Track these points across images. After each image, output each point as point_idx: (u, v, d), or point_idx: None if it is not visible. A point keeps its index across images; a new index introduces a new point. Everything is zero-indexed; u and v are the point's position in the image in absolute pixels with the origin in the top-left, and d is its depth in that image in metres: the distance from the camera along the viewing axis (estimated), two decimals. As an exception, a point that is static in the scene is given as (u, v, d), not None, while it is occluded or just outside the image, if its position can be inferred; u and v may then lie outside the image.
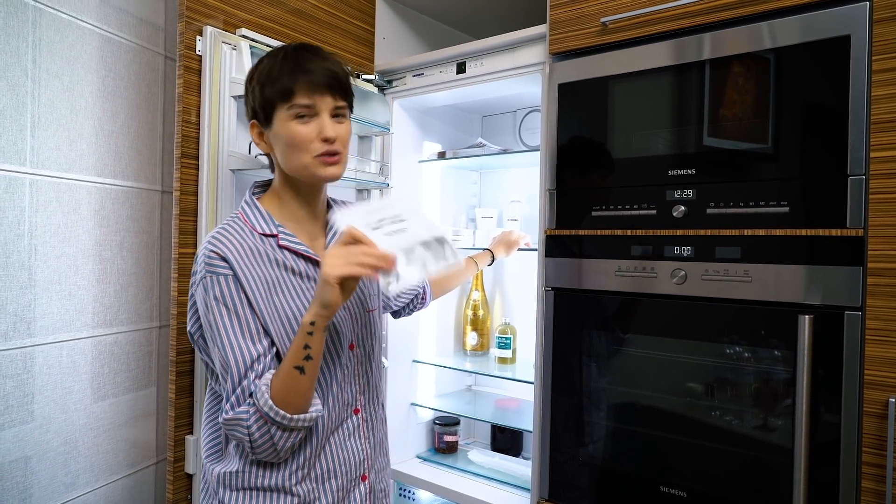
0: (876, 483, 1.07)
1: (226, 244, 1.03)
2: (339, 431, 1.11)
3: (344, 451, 1.12)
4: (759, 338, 1.20)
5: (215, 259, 1.02)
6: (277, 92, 1.04)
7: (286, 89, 1.03)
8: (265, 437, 0.98)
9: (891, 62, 1.06)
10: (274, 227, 1.09)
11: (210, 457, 1.13)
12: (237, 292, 1.01)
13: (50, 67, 1.35)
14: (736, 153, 1.23)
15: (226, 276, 1.01)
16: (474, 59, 1.70)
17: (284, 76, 1.04)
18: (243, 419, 0.98)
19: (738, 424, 1.23)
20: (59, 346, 1.38)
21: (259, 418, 0.97)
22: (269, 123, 1.07)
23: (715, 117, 1.26)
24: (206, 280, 1.02)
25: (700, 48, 1.26)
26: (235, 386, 0.99)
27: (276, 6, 1.62)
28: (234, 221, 1.09)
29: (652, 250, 1.32)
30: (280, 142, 1.06)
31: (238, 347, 1.00)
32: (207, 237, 1.05)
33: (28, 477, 1.33)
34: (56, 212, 1.37)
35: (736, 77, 1.23)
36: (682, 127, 1.29)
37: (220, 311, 1.01)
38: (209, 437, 1.14)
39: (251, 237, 1.06)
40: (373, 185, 1.81)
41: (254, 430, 0.97)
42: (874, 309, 1.08)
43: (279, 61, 1.05)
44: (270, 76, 1.04)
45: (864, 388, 1.08)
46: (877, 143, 1.08)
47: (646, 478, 1.34)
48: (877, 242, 1.08)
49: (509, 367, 1.96)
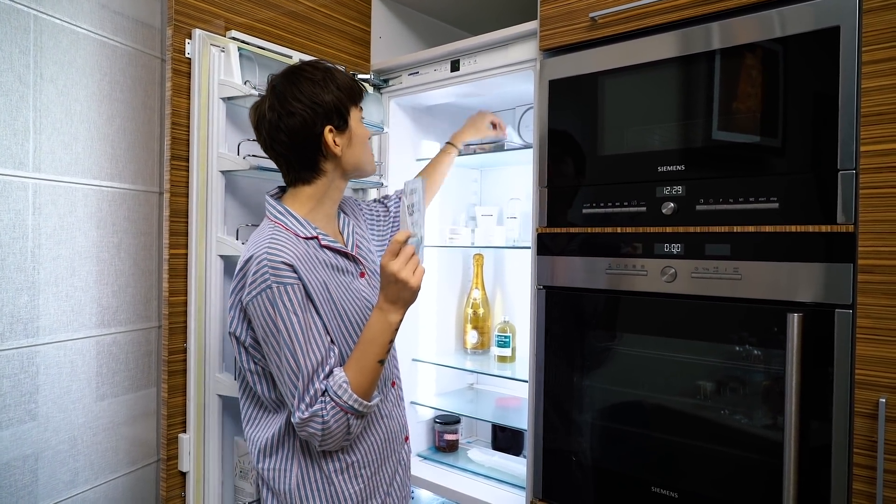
0: (867, 485, 1.04)
1: (287, 252, 1.09)
2: (385, 403, 1.25)
3: (391, 420, 1.26)
4: (749, 337, 1.18)
5: (282, 268, 1.07)
6: (353, 94, 1.20)
7: (358, 92, 1.21)
8: (342, 426, 1.08)
9: (881, 53, 1.03)
10: (312, 229, 1.17)
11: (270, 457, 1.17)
12: (304, 298, 1.08)
13: (44, 72, 1.37)
14: (725, 148, 1.21)
15: (293, 286, 1.07)
16: (468, 56, 1.69)
17: (345, 80, 1.19)
18: (319, 415, 1.06)
19: (729, 424, 1.21)
20: (56, 347, 1.41)
21: (338, 411, 1.06)
22: (346, 125, 1.18)
23: (704, 112, 1.23)
24: (272, 290, 1.06)
25: (687, 43, 1.24)
26: (307, 387, 1.06)
27: (271, 9, 1.63)
28: (277, 231, 1.13)
29: (642, 248, 1.30)
30: (359, 140, 1.21)
31: (308, 352, 1.07)
32: (261, 247, 1.08)
33: (26, 475, 1.36)
34: (52, 214, 1.40)
35: (723, 72, 1.21)
36: (670, 123, 1.27)
37: (291, 320, 1.06)
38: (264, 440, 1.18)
39: (301, 243, 1.13)
40: (369, 185, 1.81)
41: (331, 423, 1.06)
42: (865, 307, 1.05)
43: (333, 71, 1.19)
44: (336, 82, 1.17)
45: (855, 387, 1.06)
46: (867, 137, 1.05)
47: (638, 478, 1.32)
48: (867, 238, 1.05)
49: (509, 365, 1.95)
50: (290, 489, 1.15)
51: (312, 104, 1.14)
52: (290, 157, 1.17)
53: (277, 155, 1.18)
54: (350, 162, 1.21)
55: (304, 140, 1.15)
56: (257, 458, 1.18)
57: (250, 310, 1.08)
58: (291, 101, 1.13)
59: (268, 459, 1.17)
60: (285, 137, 1.14)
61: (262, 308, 1.06)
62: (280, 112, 1.13)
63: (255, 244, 1.11)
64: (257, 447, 1.18)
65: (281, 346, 1.07)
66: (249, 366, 1.15)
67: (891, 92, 1.02)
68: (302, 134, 1.14)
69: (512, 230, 1.96)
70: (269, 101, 1.15)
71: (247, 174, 1.44)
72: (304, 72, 1.17)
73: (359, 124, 1.22)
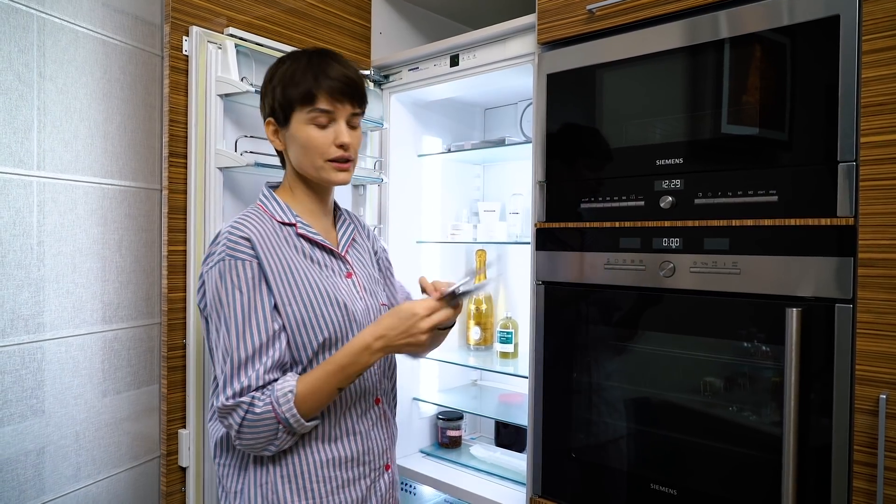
0: (868, 483, 1.02)
1: (249, 227, 1.06)
2: (362, 419, 1.14)
3: (366, 440, 1.14)
4: (749, 332, 1.16)
5: (239, 242, 1.04)
6: (299, 95, 1.07)
7: (308, 93, 1.07)
8: (268, 430, 1.00)
9: (882, 42, 1.01)
10: (292, 216, 1.13)
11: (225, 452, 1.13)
12: (255, 277, 1.03)
13: (44, 71, 1.38)
14: (723, 141, 1.19)
15: (245, 261, 1.03)
16: (467, 51, 1.68)
17: (308, 80, 1.07)
18: (243, 408, 0.98)
19: (729, 421, 1.20)
20: (58, 343, 1.42)
21: (271, 415, 0.99)
22: (287, 123, 1.11)
23: (702, 105, 1.22)
24: (223, 263, 1.03)
25: (683, 34, 1.22)
26: (235, 373, 1.00)
27: (269, 6, 1.63)
28: (253, 211, 1.12)
29: (640, 242, 1.29)
30: (296, 143, 1.11)
31: (245, 335, 1.01)
32: (228, 223, 1.07)
33: (29, 469, 1.37)
34: (53, 212, 1.41)
35: (722, 64, 1.19)
36: (668, 116, 1.26)
37: (235, 297, 1.02)
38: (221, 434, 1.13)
39: (271, 224, 1.10)
40: (368, 181, 1.81)
41: (257, 421, 0.98)
42: (865, 301, 1.03)
43: (303, 65, 1.09)
44: (294, 78, 1.08)
45: (856, 383, 1.04)
46: (867, 128, 1.03)
47: (637, 475, 1.31)
48: (868, 231, 1.03)
49: (511, 361, 1.94)
50: (236, 490, 1.09)
51: (263, 91, 1.15)
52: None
53: None
54: (293, 162, 1.14)
55: (264, 123, 1.16)
56: (214, 453, 1.14)
57: (205, 281, 1.07)
58: (264, 79, 1.15)
59: (223, 455, 1.13)
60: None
61: (213, 280, 1.04)
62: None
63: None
64: (213, 441, 1.14)
65: (220, 322, 1.03)
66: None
67: (891, 82, 1.00)
68: (262, 116, 1.16)
69: (514, 226, 1.95)
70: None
71: (245, 171, 1.44)
72: (287, 57, 1.14)
73: (302, 128, 1.09)
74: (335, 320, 1.08)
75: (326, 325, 1.07)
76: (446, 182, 2.09)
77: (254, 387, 0.99)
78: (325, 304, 1.08)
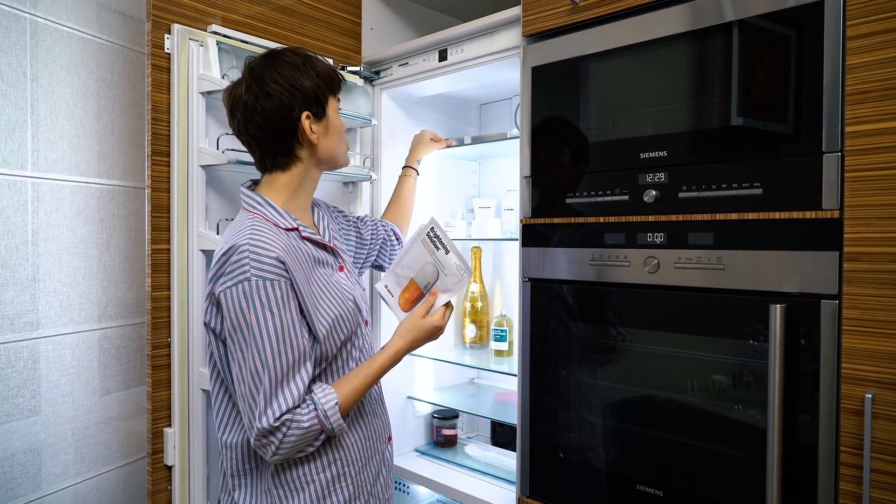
0: (854, 485, 0.99)
1: (275, 246, 1.05)
2: (368, 400, 1.23)
3: (375, 417, 1.24)
4: (733, 329, 1.13)
5: (270, 262, 1.03)
6: (333, 83, 1.18)
7: (337, 82, 1.19)
8: (307, 443, 1.06)
9: (866, 27, 0.97)
10: (292, 220, 1.14)
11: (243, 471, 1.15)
12: (285, 294, 1.04)
13: (27, 70, 1.38)
14: (707, 132, 1.16)
15: (274, 281, 1.03)
16: (455, 45, 1.65)
17: (328, 69, 1.18)
18: (287, 425, 1.02)
19: (713, 421, 1.16)
20: (44, 342, 1.43)
21: (315, 429, 1.05)
22: (324, 112, 1.17)
23: (684, 96, 1.18)
24: (249, 283, 1.01)
25: (664, 24, 1.19)
26: (275, 390, 1.02)
27: (258, 3, 1.61)
28: (257, 222, 1.09)
29: (625, 238, 1.26)
30: (334, 130, 1.19)
31: (281, 353, 1.03)
32: (243, 237, 1.04)
33: (16, 468, 1.38)
34: (38, 211, 1.41)
35: (704, 54, 1.15)
36: (651, 108, 1.22)
37: (265, 317, 1.02)
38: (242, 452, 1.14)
39: (283, 235, 1.10)
40: (358, 178, 1.79)
41: (301, 436, 1.04)
42: (851, 297, 0.99)
43: (312, 58, 1.16)
44: (318, 70, 1.16)
45: (842, 382, 1.00)
46: (852, 117, 0.99)
47: (623, 476, 1.28)
48: (854, 224, 0.99)
49: (506, 359, 1.92)
50: (269, 488, 1.12)
51: (291, 87, 1.11)
52: (264, 141, 1.13)
53: (251, 139, 1.14)
54: (325, 151, 1.19)
55: (281, 124, 1.12)
56: (232, 484, 1.15)
57: (222, 301, 1.04)
58: (270, 83, 1.10)
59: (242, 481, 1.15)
60: (261, 120, 1.11)
61: (235, 300, 1.02)
62: (257, 94, 1.10)
63: (234, 234, 1.07)
64: (238, 453, 1.13)
65: (248, 344, 1.02)
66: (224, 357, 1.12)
67: (877, 68, 0.96)
68: (279, 117, 1.11)
69: (509, 222, 1.92)
70: (247, 82, 1.12)
71: (227, 168, 1.44)
72: (285, 56, 1.15)
73: (336, 115, 1.20)
74: (352, 316, 1.17)
75: (347, 322, 1.15)
76: (441, 178, 2.07)
77: (296, 404, 1.03)
78: (343, 302, 1.16)
